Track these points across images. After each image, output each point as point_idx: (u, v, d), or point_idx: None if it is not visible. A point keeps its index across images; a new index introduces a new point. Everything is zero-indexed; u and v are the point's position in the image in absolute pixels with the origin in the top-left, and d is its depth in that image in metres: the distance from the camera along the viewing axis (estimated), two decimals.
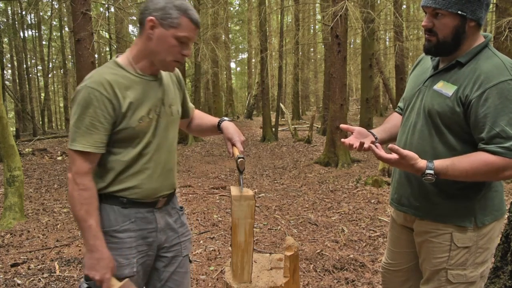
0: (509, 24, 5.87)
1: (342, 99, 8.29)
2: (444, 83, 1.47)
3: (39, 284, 3.06)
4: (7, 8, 19.63)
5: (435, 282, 1.56)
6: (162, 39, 1.37)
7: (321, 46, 19.54)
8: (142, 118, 1.42)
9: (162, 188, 1.51)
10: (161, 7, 1.35)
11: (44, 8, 17.95)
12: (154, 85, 1.48)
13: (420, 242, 1.61)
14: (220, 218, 4.81)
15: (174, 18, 1.35)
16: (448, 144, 1.46)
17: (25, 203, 5.41)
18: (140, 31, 1.42)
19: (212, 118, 1.77)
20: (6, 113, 4.75)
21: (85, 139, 1.33)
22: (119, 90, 1.37)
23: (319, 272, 3.15)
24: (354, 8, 8.72)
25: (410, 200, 1.58)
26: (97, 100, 1.33)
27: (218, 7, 12.36)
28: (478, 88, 1.36)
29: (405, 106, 1.67)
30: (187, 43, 1.41)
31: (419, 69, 1.68)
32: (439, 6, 1.39)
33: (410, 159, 1.40)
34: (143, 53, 1.43)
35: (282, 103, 19.70)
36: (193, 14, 1.38)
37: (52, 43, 22.29)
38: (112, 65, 1.43)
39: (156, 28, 1.36)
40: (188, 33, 1.38)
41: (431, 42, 1.47)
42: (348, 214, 4.84)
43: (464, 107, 1.40)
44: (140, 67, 1.45)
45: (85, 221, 1.34)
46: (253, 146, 12.67)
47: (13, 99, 18.81)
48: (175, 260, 1.60)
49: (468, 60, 1.44)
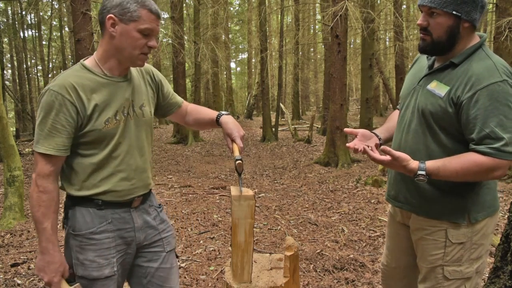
0: (509, 24, 5.87)
1: (342, 99, 8.29)
2: (438, 83, 1.50)
3: (39, 284, 3.06)
4: (7, 8, 19.63)
5: (432, 280, 1.59)
6: (125, 34, 1.37)
7: (321, 46, 19.55)
8: (109, 120, 1.41)
9: (137, 189, 1.52)
10: (118, 3, 1.35)
11: (44, 8, 17.95)
12: (122, 85, 1.47)
13: (416, 240, 1.64)
14: (220, 218, 4.81)
15: (133, 11, 1.35)
16: (441, 143, 1.49)
17: (25, 203, 5.41)
18: (102, 31, 1.41)
19: (210, 112, 1.76)
20: (6, 113, 4.75)
21: (47, 141, 1.34)
22: (83, 93, 1.37)
23: (319, 272, 3.15)
24: (354, 8, 8.72)
25: (406, 197, 1.62)
26: (59, 104, 1.33)
27: (218, 7, 12.36)
28: (469, 89, 1.39)
29: (401, 105, 1.70)
30: (150, 34, 1.40)
31: (416, 67, 1.71)
32: (435, 5, 1.42)
33: (402, 161, 1.43)
34: (109, 53, 1.42)
35: (282, 103, 19.70)
36: (152, 4, 1.38)
37: (52, 43, 22.28)
38: (78, 67, 1.42)
39: (116, 25, 1.36)
40: (149, 24, 1.37)
41: (426, 41, 1.50)
42: (348, 214, 4.84)
43: (456, 107, 1.43)
44: (107, 68, 1.44)
45: (41, 223, 1.35)
46: (253, 146, 12.67)
47: (13, 99, 18.81)
48: (158, 256, 1.60)
49: (462, 60, 1.46)
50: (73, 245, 1.44)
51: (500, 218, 4.39)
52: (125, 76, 1.49)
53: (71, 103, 1.34)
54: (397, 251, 1.81)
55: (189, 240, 4.01)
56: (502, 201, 5.07)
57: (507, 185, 5.81)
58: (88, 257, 1.43)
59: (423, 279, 1.63)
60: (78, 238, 1.44)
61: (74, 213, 1.45)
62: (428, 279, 1.60)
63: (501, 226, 4.10)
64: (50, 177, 1.37)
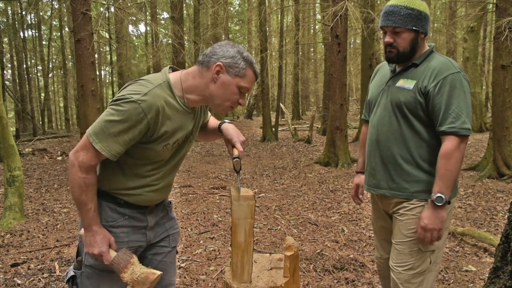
0: (509, 24, 5.86)
1: (342, 99, 8.29)
2: (404, 80, 1.80)
3: (39, 284, 3.06)
4: (7, 8, 19.62)
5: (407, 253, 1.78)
6: (225, 85, 1.43)
7: (321, 46, 19.54)
8: (167, 146, 1.46)
9: (161, 198, 1.60)
10: (231, 56, 1.42)
11: (44, 8, 17.95)
12: (189, 117, 1.52)
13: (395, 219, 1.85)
14: (220, 218, 4.81)
15: (242, 68, 1.43)
16: (415, 130, 1.77)
17: (25, 203, 5.41)
18: (200, 70, 1.45)
19: (213, 121, 1.79)
20: (6, 113, 4.75)
21: (106, 142, 1.35)
22: (161, 118, 1.40)
23: (319, 272, 3.15)
24: (354, 8, 8.71)
25: (388, 183, 1.84)
26: (138, 121, 1.34)
27: (218, 7, 12.35)
28: (433, 79, 1.71)
29: (371, 107, 1.97)
30: (244, 93, 1.49)
31: (378, 76, 2.00)
32: (399, 25, 1.75)
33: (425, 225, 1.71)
34: (199, 91, 1.46)
35: (282, 103, 19.70)
36: (257, 68, 1.49)
37: (52, 43, 22.29)
38: (167, 88, 1.43)
39: (222, 73, 1.43)
40: (249, 84, 1.47)
41: (392, 53, 1.80)
42: (348, 214, 4.84)
43: (424, 96, 1.73)
44: (189, 99, 1.48)
45: (85, 205, 1.40)
46: (253, 146, 12.67)
47: (13, 99, 18.80)
48: (163, 250, 1.68)
49: (421, 61, 1.79)
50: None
51: (500, 218, 4.39)
52: (194, 108, 1.54)
53: (147, 123, 1.36)
54: (385, 242, 2.03)
55: (189, 240, 4.01)
56: (502, 201, 5.07)
57: (507, 185, 5.81)
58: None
59: (397, 254, 1.81)
60: None
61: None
62: (402, 253, 1.79)
63: (501, 226, 4.10)
64: (94, 167, 1.40)
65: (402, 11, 1.73)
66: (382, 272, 2.11)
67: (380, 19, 1.81)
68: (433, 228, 1.69)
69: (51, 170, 8.58)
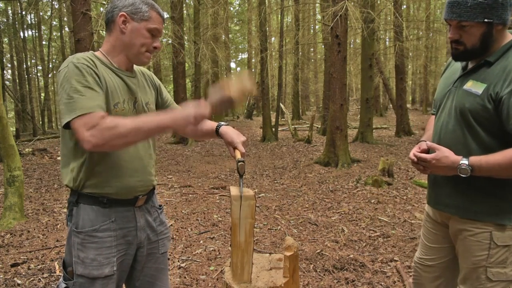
0: None
1: (342, 99, 8.28)
2: (474, 82, 1.50)
3: (39, 284, 3.06)
4: (7, 8, 19.63)
5: (474, 281, 1.56)
6: (135, 32, 1.45)
7: (321, 46, 19.54)
8: (117, 105, 1.44)
9: (141, 187, 1.53)
10: (130, 3, 1.45)
11: (44, 8, 17.94)
12: (130, 80, 1.53)
13: (457, 239, 1.62)
14: (220, 218, 4.81)
15: (145, 11, 1.45)
16: (481, 141, 1.49)
17: (25, 203, 5.41)
18: (109, 28, 1.48)
19: (209, 122, 1.76)
20: (6, 113, 4.75)
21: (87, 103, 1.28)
22: (99, 68, 1.41)
23: (319, 272, 3.15)
24: (354, 8, 8.71)
25: (449, 199, 1.61)
26: (85, 69, 1.35)
27: (218, 7, 12.35)
28: (508, 84, 1.39)
29: (436, 108, 1.71)
30: (157, 35, 1.49)
31: (449, 71, 1.72)
32: (465, 18, 1.43)
33: (445, 151, 1.51)
34: (118, 48, 1.48)
35: (282, 103, 19.70)
36: (159, 8, 1.50)
37: (52, 43, 22.28)
38: (91, 55, 1.45)
39: (128, 22, 1.45)
40: (158, 25, 1.48)
41: (459, 49, 1.51)
42: (348, 214, 4.84)
43: (495, 103, 1.42)
44: (116, 62, 1.50)
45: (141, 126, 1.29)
46: (253, 146, 12.67)
47: (13, 99, 18.81)
48: (151, 256, 1.64)
49: (497, 58, 1.47)
50: (74, 242, 1.45)
51: None
52: (132, 73, 1.55)
53: (94, 72, 1.37)
54: (433, 250, 1.78)
55: (189, 240, 4.01)
56: None
57: None
58: (89, 255, 1.43)
59: (463, 279, 1.61)
60: (80, 235, 1.44)
61: (78, 211, 1.46)
62: (469, 280, 1.58)
63: None
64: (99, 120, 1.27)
65: (470, 1, 1.41)
66: (419, 280, 1.85)
67: (444, 10, 1.51)
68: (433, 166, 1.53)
69: (51, 170, 8.58)
